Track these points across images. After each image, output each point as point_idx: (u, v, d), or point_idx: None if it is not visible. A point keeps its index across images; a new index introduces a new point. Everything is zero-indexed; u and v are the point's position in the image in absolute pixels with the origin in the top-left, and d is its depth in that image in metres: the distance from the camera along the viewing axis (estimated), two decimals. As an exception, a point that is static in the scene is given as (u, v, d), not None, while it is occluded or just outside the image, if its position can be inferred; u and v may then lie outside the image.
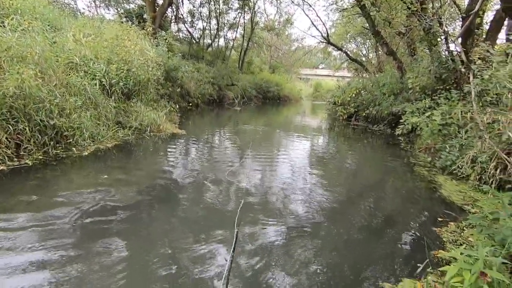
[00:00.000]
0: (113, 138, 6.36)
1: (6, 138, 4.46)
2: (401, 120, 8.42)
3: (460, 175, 5.27)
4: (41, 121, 4.88)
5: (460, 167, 5.27)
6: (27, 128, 4.68)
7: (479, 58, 6.02)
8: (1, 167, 4.19)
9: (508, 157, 4.56)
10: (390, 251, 3.13)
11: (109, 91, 7.03)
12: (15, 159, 4.47)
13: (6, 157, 4.34)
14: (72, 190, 3.86)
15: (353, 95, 12.77)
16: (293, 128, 12.17)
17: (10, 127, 4.52)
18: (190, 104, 13.03)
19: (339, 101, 13.70)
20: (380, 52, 16.31)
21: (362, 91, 12.44)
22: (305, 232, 3.36)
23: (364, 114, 12.17)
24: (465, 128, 5.96)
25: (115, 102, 7.06)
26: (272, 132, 10.68)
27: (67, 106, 5.45)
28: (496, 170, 4.69)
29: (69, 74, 6.11)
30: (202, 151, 6.81)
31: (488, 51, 5.64)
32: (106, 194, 3.84)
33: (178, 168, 5.24)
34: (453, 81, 8.38)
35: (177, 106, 10.35)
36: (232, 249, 2.77)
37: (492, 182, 4.63)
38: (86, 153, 5.28)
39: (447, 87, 8.06)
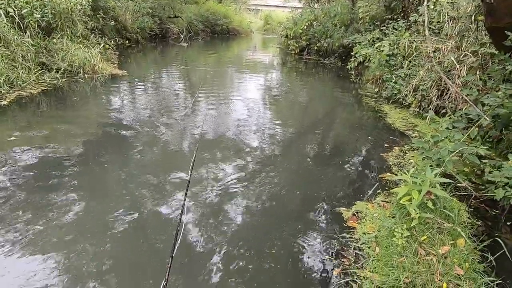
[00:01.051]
0: (38, 83, 5.43)
1: None
2: (352, 53, 8.49)
3: (403, 104, 5.65)
4: None
5: (404, 96, 5.60)
6: None
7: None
8: None
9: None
10: (343, 178, 3.35)
11: (21, 24, 5.74)
12: None
13: None
14: (-5, 146, 3.30)
15: (305, 27, 12.33)
16: (245, 65, 11.66)
17: None
18: (129, 41, 11.47)
19: (291, 34, 13.21)
20: (331, -22, 15.50)
21: (314, 23, 12.03)
22: (261, 166, 3.40)
23: (316, 47, 12.00)
24: (410, 58, 6.21)
25: (32, 39, 5.85)
26: (223, 70, 10.13)
27: (-35, 44, 4.36)
28: (434, 97, 5.08)
29: (-42, 2, 4.77)
30: (149, 93, 6.22)
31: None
32: (44, 147, 3.37)
33: (122, 114, 4.75)
34: (400, 10, 8.43)
35: (113, 43, 9.03)
36: (185, 192, 2.70)
37: (430, 108, 5.04)
38: (6, 102, 4.46)
39: (395, 17, 8.11)
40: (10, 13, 5.56)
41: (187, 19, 17.21)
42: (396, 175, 3.12)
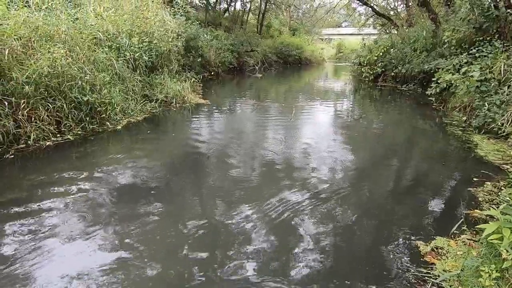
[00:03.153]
0: (142, 111, 6.57)
1: (47, 115, 4.75)
2: (433, 79, 7.94)
3: (499, 134, 5.00)
4: (76, 98, 5.11)
5: (501, 125, 4.97)
6: (64, 106, 4.94)
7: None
8: (48, 143, 4.53)
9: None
10: (420, 210, 3.14)
11: (133, 65, 7.13)
12: (58, 135, 4.79)
13: (50, 134, 4.67)
14: (110, 162, 4.13)
15: (381, 53, 12.04)
16: (316, 93, 11.87)
17: (49, 105, 4.79)
18: (212, 74, 12.95)
19: (365, 62, 13.01)
20: (410, 3, 14.98)
21: (391, 49, 11.67)
22: (333, 194, 3.41)
23: (392, 73, 11.54)
24: (507, 83, 5.53)
25: (140, 76, 7.18)
26: (295, 99, 10.51)
27: (97, 82, 5.63)
28: (540, 126, 4.40)
29: (95, 50, 6.23)
30: (227, 121, 6.91)
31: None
32: (141, 164, 4.08)
33: (205, 138, 5.40)
34: (495, 30, 7.64)
35: (199, 76, 10.34)
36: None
37: (534, 139, 4.36)
38: (119, 127, 5.54)
39: (488, 38, 7.37)
40: (127, 57, 6.98)
41: (262, 52, 18.54)
42: (486, 212, 2.80)
